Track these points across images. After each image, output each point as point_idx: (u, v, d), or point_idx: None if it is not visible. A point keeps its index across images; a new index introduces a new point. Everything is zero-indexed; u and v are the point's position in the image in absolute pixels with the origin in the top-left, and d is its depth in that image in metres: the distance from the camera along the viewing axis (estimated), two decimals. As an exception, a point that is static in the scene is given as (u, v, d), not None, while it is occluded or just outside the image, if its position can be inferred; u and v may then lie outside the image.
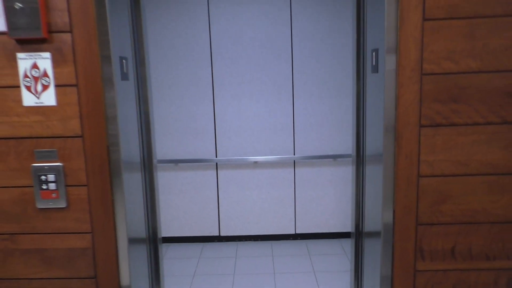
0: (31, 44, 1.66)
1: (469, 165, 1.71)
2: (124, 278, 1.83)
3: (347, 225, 3.82)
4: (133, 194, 1.99)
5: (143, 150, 2.20)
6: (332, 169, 3.76)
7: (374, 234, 1.95)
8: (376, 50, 1.79)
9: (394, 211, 1.75)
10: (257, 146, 3.73)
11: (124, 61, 1.90)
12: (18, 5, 1.58)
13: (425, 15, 1.61)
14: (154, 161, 2.25)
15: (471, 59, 1.64)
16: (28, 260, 1.81)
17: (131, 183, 1.96)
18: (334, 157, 3.70)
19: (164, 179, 3.78)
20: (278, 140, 3.73)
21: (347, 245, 3.70)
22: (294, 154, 3.74)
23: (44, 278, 1.82)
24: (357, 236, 2.35)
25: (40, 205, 1.76)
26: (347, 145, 3.70)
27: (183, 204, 3.83)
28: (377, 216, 1.88)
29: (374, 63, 1.82)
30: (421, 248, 1.77)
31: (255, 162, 3.75)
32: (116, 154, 1.75)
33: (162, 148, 3.74)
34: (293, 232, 3.87)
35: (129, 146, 1.94)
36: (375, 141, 1.90)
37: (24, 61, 1.67)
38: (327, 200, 3.82)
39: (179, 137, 3.73)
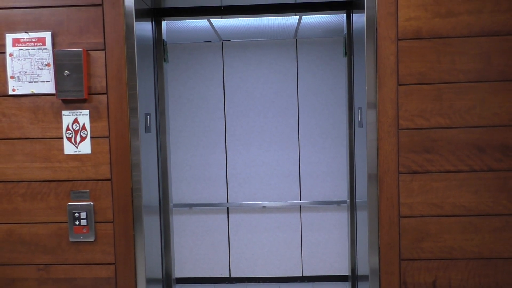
0: (74, 103, 2.03)
1: (444, 207, 1.96)
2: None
3: (352, 269, 3.98)
4: (151, 234, 2.26)
5: (161, 194, 2.50)
6: (336, 214, 3.99)
7: (366, 278, 2.15)
8: (361, 108, 2.10)
9: (379, 248, 1.99)
10: (265, 192, 4.01)
11: (148, 116, 2.25)
12: (66, 72, 1.96)
13: (399, 81, 1.93)
14: (170, 205, 2.54)
15: (440, 117, 1.93)
16: (59, 288, 2.08)
17: (150, 224, 2.24)
18: (338, 202, 3.94)
19: (178, 222, 4.05)
20: (285, 187, 4.00)
21: None
22: (300, 200, 3.99)
23: (72, 304, 2.08)
24: (354, 279, 2.55)
25: (72, 239, 2.05)
26: (350, 192, 3.95)
27: (196, 246, 4.07)
28: (366, 261, 2.10)
29: (359, 119, 2.13)
30: (405, 281, 1.98)
31: (264, 207, 4.01)
32: (139, 198, 2.05)
33: (178, 193, 4.04)
34: (300, 275, 4.04)
35: (149, 191, 2.24)
36: (363, 189, 2.17)
37: (68, 117, 2.03)
38: (332, 244, 4.01)
39: (194, 183, 4.04)
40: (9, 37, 2.02)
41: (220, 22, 3.13)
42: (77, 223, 2.05)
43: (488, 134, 1.92)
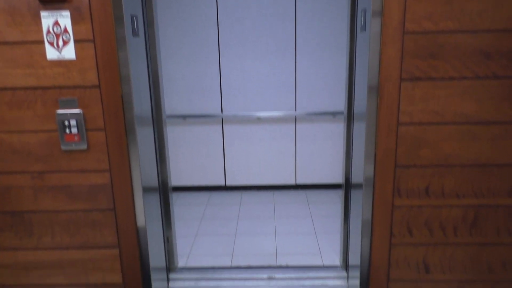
0: (53, 3, 1.85)
1: (445, 115, 1.91)
2: (140, 218, 2.10)
3: (345, 178, 4.07)
4: (145, 144, 2.22)
5: (153, 105, 2.41)
6: (331, 125, 3.97)
7: (359, 186, 2.17)
8: (364, 10, 1.95)
9: (375, 156, 1.98)
10: (260, 103, 3.94)
11: (134, 18, 2.08)
12: (41, -33, 1.76)
13: (408, -22, 1.77)
14: (163, 116, 2.47)
15: (449, 20, 1.80)
16: (55, 195, 2.09)
17: (143, 134, 2.18)
18: (334, 114, 3.90)
19: (173, 133, 4.04)
20: (280, 97, 3.93)
21: (344, 196, 3.97)
22: (295, 111, 3.94)
23: (70, 210, 2.10)
24: (347, 186, 2.58)
25: (64, 147, 2.01)
26: (347, 103, 3.89)
27: (192, 156, 4.10)
28: (361, 169, 2.09)
29: (362, 22, 1.99)
30: (399, 187, 2.01)
31: (259, 118, 3.97)
32: (130, 108, 1.97)
33: (171, 105, 3.97)
34: (294, 183, 4.14)
35: (140, 100, 2.15)
36: (363, 98, 2.09)
37: (47, 19, 1.87)
38: (326, 154, 4.05)
39: (187, 95, 3.95)
40: None
41: None
42: (67, 131, 1.99)
43: (498, 40, 1.81)
